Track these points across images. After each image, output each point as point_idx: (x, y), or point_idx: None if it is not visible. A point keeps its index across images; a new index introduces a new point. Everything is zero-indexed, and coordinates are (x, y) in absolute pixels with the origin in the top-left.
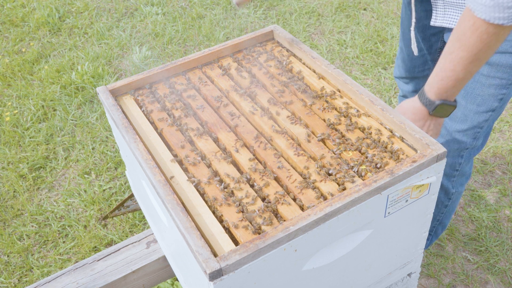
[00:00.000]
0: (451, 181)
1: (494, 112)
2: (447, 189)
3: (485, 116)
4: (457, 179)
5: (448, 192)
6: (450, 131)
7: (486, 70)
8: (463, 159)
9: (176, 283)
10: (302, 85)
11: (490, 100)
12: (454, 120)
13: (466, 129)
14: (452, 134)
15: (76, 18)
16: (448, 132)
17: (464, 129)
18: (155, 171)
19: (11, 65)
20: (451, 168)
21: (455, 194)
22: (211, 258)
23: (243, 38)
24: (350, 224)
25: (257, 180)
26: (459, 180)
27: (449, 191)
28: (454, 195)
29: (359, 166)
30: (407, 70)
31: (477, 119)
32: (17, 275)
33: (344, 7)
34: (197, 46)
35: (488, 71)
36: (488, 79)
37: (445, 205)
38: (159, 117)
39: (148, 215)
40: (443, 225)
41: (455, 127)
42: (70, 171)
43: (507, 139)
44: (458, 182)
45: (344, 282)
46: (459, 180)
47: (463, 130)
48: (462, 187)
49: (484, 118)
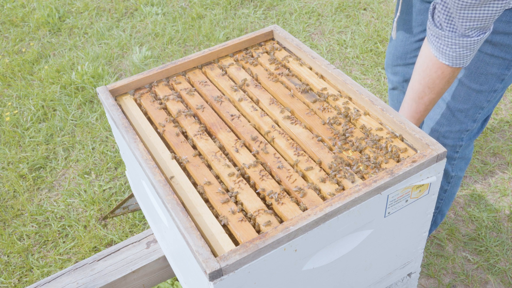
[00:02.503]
0: (451, 164)
1: (495, 92)
2: (446, 171)
3: (487, 96)
4: (457, 162)
5: (448, 175)
6: (453, 110)
7: (490, 49)
8: (463, 142)
9: (176, 283)
10: (302, 85)
11: (493, 79)
12: (457, 99)
13: (468, 108)
14: (455, 113)
15: (76, 18)
16: (451, 111)
17: (466, 108)
18: (155, 171)
19: (11, 65)
20: (452, 151)
21: (455, 178)
22: (211, 258)
23: (243, 38)
24: (350, 224)
25: (256, 180)
26: (459, 164)
27: (449, 174)
28: (454, 179)
29: (359, 166)
30: (399, 56)
31: (479, 98)
32: (17, 275)
33: (344, 7)
34: (197, 46)
35: (492, 50)
36: (492, 58)
37: (444, 190)
38: (159, 117)
39: (148, 215)
40: (442, 213)
41: (457, 106)
42: (70, 171)
43: (507, 139)
44: (458, 166)
45: (344, 282)
46: (459, 164)
47: (465, 110)
48: (462, 172)
49: (486, 98)
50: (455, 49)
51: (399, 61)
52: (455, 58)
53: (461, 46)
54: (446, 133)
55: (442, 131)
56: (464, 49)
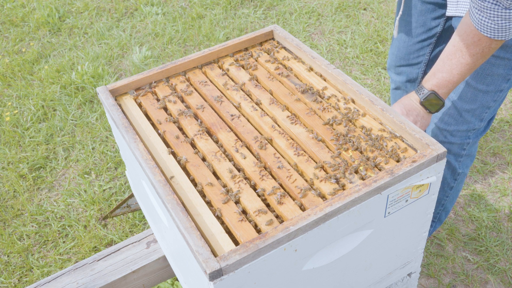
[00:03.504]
0: (458, 161)
1: (501, 92)
2: (454, 168)
3: (493, 96)
4: (464, 159)
5: (455, 172)
6: (460, 111)
7: (496, 51)
8: (470, 140)
9: (176, 283)
10: (302, 85)
11: (499, 80)
12: (464, 100)
13: (475, 109)
14: (462, 114)
15: (76, 18)
16: (458, 112)
17: (473, 109)
18: (155, 171)
19: (11, 65)
20: (460, 148)
21: (461, 175)
22: (211, 258)
23: (243, 38)
24: (350, 224)
25: (256, 180)
26: (465, 161)
27: (456, 171)
28: (460, 176)
29: (359, 166)
30: (402, 57)
31: (486, 98)
32: (17, 275)
33: (344, 7)
34: (197, 46)
35: (498, 52)
36: (497, 60)
37: (450, 187)
38: (159, 117)
39: (148, 215)
40: (447, 210)
41: (464, 106)
42: (70, 171)
43: (507, 139)
44: (465, 163)
45: (344, 282)
46: (465, 161)
47: (472, 110)
48: (467, 169)
49: (492, 98)
50: (497, 22)
51: (402, 61)
52: (496, 31)
53: (504, 18)
54: (454, 132)
55: (450, 130)
56: (507, 21)
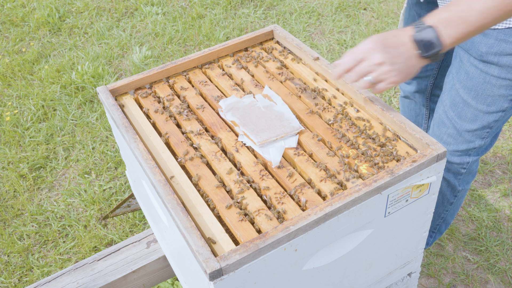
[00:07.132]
0: (458, 179)
1: (504, 112)
2: (454, 186)
3: (495, 116)
4: (463, 177)
5: (455, 189)
6: (460, 130)
7: (497, 72)
8: (471, 158)
9: (176, 283)
10: (302, 85)
11: (500, 100)
12: (464, 119)
13: (475, 129)
14: (462, 134)
15: (76, 18)
16: (458, 131)
17: (474, 129)
18: (155, 171)
19: (11, 65)
20: (459, 167)
21: (461, 192)
22: (211, 258)
23: (243, 38)
24: (350, 224)
25: (257, 180)
26: (465, 178)
27: (456, 188)
28: (460, 193)
29: (359, 166)
30: None
31: (487, 119)
32: (17, 275)
33: (344, 6)
34: (197, 46)
35: (499, 73)
36: (499, 81)
37: (450, 203)
38: (159, 116)
39: (148, 215)
40: (447, 223)
41: (465, 127)
42: (70, 171)
43: (507, 139)
44: (465, 180)
45: (344, 281)
46: (465, 178)
47: (473, 130)
48: (468, 185)
49: (494, 118)
50: None
51: None
52: None
53: None
54: (453, 152)
55: (449, 150)
56: None
